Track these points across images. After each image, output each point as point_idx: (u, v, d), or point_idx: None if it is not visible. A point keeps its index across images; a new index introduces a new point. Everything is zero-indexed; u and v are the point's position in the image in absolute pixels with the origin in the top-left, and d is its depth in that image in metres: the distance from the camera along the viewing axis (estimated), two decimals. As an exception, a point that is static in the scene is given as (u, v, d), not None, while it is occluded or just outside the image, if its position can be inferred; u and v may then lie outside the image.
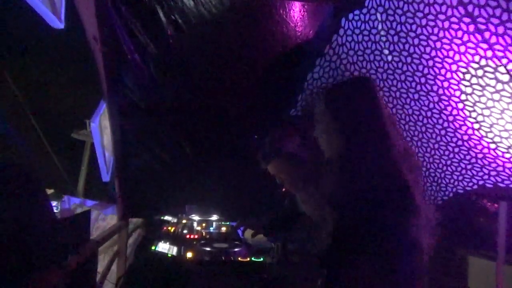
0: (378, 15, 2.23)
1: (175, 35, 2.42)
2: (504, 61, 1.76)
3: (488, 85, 1.91)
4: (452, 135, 2.33)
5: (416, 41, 2.10)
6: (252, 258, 1.98)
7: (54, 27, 2.21)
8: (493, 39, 1.72)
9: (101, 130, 5.04)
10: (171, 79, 2.67)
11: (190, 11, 2.34)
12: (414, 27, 2.05)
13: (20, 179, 1.27)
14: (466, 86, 2.02)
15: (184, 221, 2.41)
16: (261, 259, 1.97)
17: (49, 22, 2.08)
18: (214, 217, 2.56)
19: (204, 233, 2.29)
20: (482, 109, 2.04)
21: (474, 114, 2.11)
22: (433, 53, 2.05)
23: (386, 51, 2.31)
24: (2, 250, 1.14)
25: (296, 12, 2.52)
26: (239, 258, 1.96)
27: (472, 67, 1.92)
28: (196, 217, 2.49)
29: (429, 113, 2.34)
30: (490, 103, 1.98)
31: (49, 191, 5.87)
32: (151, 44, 2.45)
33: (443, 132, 2.36)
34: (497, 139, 2.11)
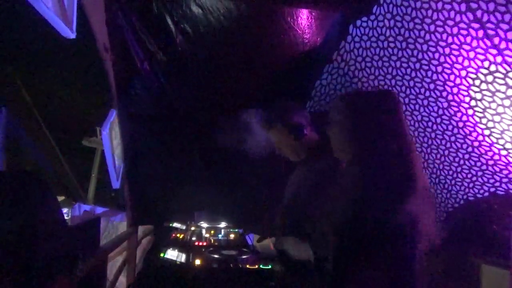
0: (386, 22, 2.23)
1: (184, 43, 2.45)
2: (514, 66, 1.74)
3: (498, 91, 1.89)
4: (462, 141, 2.31)
5: (424, 47, 2.09)
6: (261, 266, 1.97)
7: (66, 37, 2.25)
8: (503, 45, 1.71)
9: (111, 137, 5.07)
10: (180, 86, 2.70)
11: (198, 19, 2.37)
12: (422, 33, 2.05)
13: (31, 186, 1.29)
14: (475, 92, 2.00)
15: (192, 228, 2.41)
16: (270, 266, 1.96)
17: (61, 32, 2.12)
18: (223, 224, 2.56)
19: (212, 240, 2.29)
20: (492, 115, 2.02)
21: (484, 120, 2.08)
22: (442, 59, 2.04)
23: (395, 57, 2.31)
24: (12, 257, 1.15)
25: (304, 19, 2.53)
26: (248, 266, 1.95)
27: (481, 73, 1.90)
28: (204, 224, 2.49)
29: (438, 119, 2.32)
30: (500, 109, 1.96)
31: (60, 198, 5.93)
32: (160, 52, 2.48)
33: (453, 138, 2.34)
34: (508, 145, 2.09)
